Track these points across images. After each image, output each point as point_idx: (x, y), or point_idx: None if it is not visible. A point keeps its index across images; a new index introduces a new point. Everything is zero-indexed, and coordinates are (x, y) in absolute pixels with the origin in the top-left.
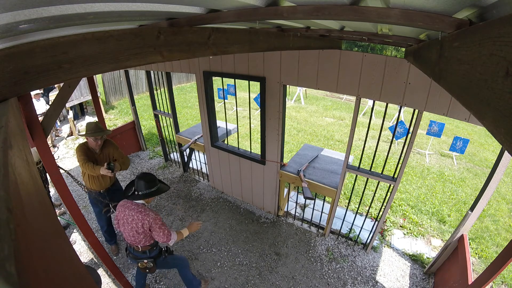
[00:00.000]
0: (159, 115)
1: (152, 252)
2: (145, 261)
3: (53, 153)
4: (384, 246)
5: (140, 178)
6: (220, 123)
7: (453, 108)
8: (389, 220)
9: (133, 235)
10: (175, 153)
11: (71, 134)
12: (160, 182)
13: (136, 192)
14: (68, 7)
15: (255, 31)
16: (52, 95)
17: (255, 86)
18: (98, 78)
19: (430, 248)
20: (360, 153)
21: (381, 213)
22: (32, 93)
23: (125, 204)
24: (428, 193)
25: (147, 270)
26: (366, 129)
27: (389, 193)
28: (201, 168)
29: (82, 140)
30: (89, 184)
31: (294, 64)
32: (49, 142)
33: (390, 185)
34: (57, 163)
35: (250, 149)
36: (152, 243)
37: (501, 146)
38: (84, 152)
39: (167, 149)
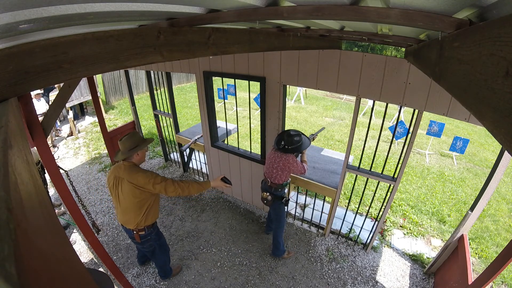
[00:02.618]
0: (159, 115)
1: (275, 191)
2: (267, 193)
3: (53, 153)
4: (384, 246)
5: (289, 136)
6: (220, 123)
7: (453, 108)
8: (389, 220)
9: (271, 171)
10: (175, 153)
11: (71, 134)
12: (304, 136)
13: (286, 147)
14: (68, 7)
15: (255, 31)
16: (52, 95)
17: (255, 86)
18: (98, 78)
19: (430, 248)
20: (360, 153)
21: (381, 213)
22: (33, 93)
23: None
24: (428, 193)
25: (265, 202)
26: (366, 129)
27: (389, 193)
28: (201, 168)
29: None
30: (153, 218)
31: (294, 64)
32: (49, 142)
33: (390, 185)
34: (57, 163)
35: (250, 149)
36: (279, 184)
37: (501, 146)
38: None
39: (167, 149)
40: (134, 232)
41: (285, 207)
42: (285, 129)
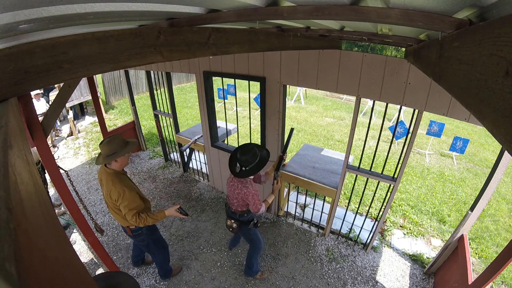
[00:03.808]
0: (159, 115)
1: (241, 217)
2: (232, 220)
3: (53, 153)
4: (384, 246)
5: (243, 154)
6: (220, 123)
7: (453, 108)
8: (389, 220)
9: (232, 200)
10: (175, 153)
11: (71, 134)
12: (259, 149)
13: (243, 168)
14: (68, 7)
15: (255, 31)
16: (52, 95)
17: (255, 86)
18: (98, 78)
19: (430, 248)
20: (360, 153)
21: (381, 213)
22: (32, 93)
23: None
24: (428, 193)
25: (231, 229)
26: (366, 129)
27: (389, 193)
28: (201, 168)
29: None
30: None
31: (294, 64)
32: (49, 142)
33: (390, 185)
34: (57, 163)
35: None
36: (244, 210)
37: (501, 146)
38: (128, 185)
39: (167, 149)
40: (126, 226)
41: (256, 228)
42: (285, 129)
